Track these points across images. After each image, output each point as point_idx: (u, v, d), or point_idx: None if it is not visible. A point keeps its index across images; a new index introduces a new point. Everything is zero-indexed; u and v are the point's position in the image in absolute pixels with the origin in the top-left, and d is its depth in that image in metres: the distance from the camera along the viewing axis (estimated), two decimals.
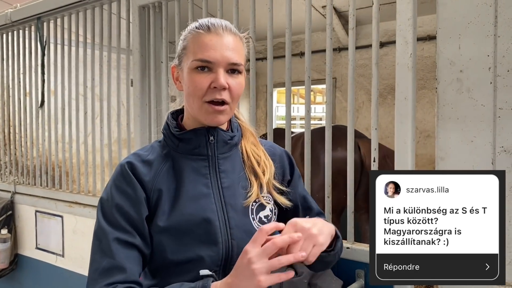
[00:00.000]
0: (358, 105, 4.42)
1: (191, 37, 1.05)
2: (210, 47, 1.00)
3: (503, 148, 1.22)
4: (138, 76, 2.17)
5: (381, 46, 4.14)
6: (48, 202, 2.59)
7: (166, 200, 1.02)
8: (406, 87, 1.35)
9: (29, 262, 2.77)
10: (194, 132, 1.06)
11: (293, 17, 1.67)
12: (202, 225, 1.01)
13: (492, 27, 1.22)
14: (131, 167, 1.04)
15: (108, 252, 0.95)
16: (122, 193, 1.01)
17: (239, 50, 1.03)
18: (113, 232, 0.97)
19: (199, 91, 1.00)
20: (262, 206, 1.09)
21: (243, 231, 1.04)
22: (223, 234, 1.02)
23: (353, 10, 1.49)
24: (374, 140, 1.47)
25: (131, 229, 0.99)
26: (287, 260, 0.85)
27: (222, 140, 1.08)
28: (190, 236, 1.00)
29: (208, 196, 1.04)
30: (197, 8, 1.97)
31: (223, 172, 1.07)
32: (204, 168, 1.06)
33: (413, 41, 1.33)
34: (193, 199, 1.03)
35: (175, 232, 1.00)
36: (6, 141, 3.03)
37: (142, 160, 1.06)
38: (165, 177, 1.05)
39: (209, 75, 1.00)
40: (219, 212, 1.03)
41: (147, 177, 1.03)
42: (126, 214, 0.99)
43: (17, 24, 2.83)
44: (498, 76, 1.22)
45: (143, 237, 1.00)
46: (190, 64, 1.02)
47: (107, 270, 0.94)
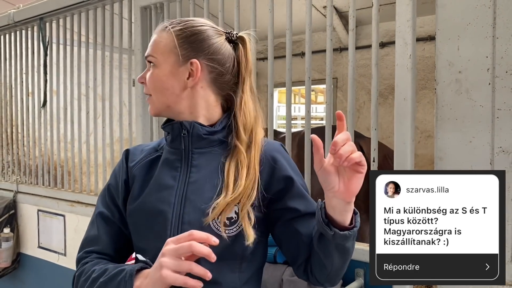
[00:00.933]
0: (359, 105, 4.42)
1: None
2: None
3: (501, 149, 1.23)
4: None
5: (382, 46, 4.14)
6: (50, 201, 2.61)
7: (137, 187, 1.08)
8: (406, 87, 1.36)
9: (31, 261, 2.79)
10: (171, 126, 1.07)
11: (295, 17, 1.68)
12: (156, 217, 1.01)
13: (490, 29, 1.23)
14: (125, 153, 1.15)
15: (93, 224, 1.10)
16: (113, 174, 1.15)
17: (157, 43, 1.08)
18: (100, 207, 1.11)
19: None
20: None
21: (195, 228, 0.93)
22: (173, 228, 0.99)
23: (353, 12, 1.50)
24: (374, 140, 1.48)
25: (113, 206, 1.10)
26: (199, 251, 0.84)
27: (197, 134, 1.04)
28: (145, 225, 1.03)
29: (171, 188, 1.03)
30: (199, 8, 1.99)
31: (194, 167, 1.04)
32: (176, 161, 1.06)
33: (412, 42, 1.34)
34: (157, 190, 1.04)
35: (137, 218, 1.05)
36: (8, 140, 3.05)
37: (140, 149, 1.16)
38: (146, 165, 1.11)
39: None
40: (176, 205, 1.00)
41: (131, 163, 1.12)
42: (111, 193, 1.12)
43: (20, 25, 2.84)
44: (497, 77, 1.23)
45: (122, 216, 1.10)
46: None
47: (89, 239, 1.08)
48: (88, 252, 1.06)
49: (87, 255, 1.06)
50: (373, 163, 1.48)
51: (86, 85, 2.51)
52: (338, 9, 3.97)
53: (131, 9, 2.24)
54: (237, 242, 0.99)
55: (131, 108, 2.30)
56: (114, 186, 1.12)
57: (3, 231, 2.73)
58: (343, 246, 0.95)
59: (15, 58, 2.95)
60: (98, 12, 2.42)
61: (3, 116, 3.07)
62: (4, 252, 2.73)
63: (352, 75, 1.52)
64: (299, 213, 1.05)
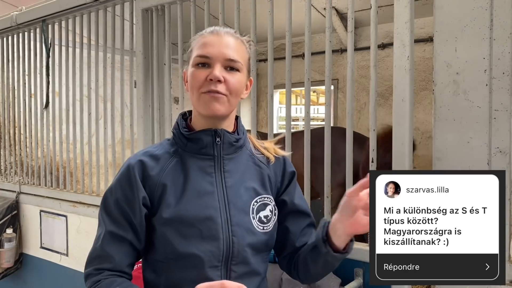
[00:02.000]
0: (360, 106, 4.43)
1: (196, 41, 1.12)
2: (210, 44, 1.07)
3: (498, 149, 1.24)
4: (141, 77, 2.20)
5: (382, 48, 4.15)
6: (52, 202, 2.63)
7: (171, 193, 1.08)
8: (404, 89, 1.38)
9: (33, 261, 2.81)
10: (202, 133, 1.11)
11: (296, 19, 1.69)
12: (204, 222, 1.05)
13: (487, 30, 1.24)
14: (139, 165, 1.10)
15: (103, 242, 1.07)
16: (123, 190, 1.08)
17: (238, 49, 1.09)
18: (109, 225, 1.07)
19: (196, 83, 1.07)
20: (263, 206, 1.13)
21: (243, 229, 1.08)
22: (225, 231, 1.06)
23: (352, 13, 1.51)
24: (373, 141, 1.49)
25: (126, 223, 1.07)
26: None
27: (228, 142, 1.12)
28: (192, 231, 1.05)
29: (212, 194, 1.09)
30: (200, 10, 2.00)
31: (227, 172, 1.12)
32: (209, 167, 1.11)
33: (410, 44, 1.35)
34: (197, 196, 1.08)
35: (179, 225, 1.05)
36: (11, 141, 3.07)
37: (150, 155, 1.13)
38: (171, 172, 1.10)
39: (207, 70, 1.06)
40: (221, 209, 1.08)
41: (153, 172, 1.09)
42: (123, 210, 1.07)
43: (23, 27, 2.86)
44: (494, 78, 1.24)
45: (136, 233, 1.08)
46: (192, 61, 1.09)
47: (100, 257, 1.06)
48: (99, 269, 1.05)
49: (97, 272, 1.05)
50: (372, 163, 1.49)
51: (88, 87, 2.52)
52: (339, 11, 3.97)
53: (133, 11, 2.25)
54: (271, 236, 1.14)
55: (132, 109, 2.32)
56: (127, 202, 1.07)
57: (5, 231, 2.75)
58: (331, 263, 1.10)
59: (17, 60, 2.97)
60: (100, 14, 2.44)
61: (6, 117, 3.09)
62: (6, 252, 2.74)
63: (351, 76, 1.53)
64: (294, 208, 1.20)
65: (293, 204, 1.20)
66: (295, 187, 1.23)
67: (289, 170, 1.23)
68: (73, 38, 2.61)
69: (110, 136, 2.41)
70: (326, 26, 1.58)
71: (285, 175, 1.22)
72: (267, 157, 1.20)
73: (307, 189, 1.67)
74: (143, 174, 1.09)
